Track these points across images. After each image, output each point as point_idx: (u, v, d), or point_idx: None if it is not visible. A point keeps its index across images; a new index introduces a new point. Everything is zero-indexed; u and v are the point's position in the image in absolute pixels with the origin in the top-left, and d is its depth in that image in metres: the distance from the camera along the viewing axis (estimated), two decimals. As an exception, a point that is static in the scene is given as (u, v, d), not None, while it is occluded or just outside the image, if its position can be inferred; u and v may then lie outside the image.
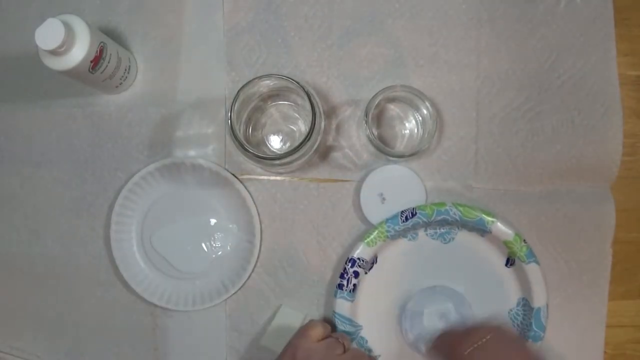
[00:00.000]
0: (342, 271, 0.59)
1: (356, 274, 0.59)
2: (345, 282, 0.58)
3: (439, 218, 0.58)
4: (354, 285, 0.59)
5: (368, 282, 0.60)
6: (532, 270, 0.58)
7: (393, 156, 0.58)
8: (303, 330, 0.54)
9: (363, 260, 0.59)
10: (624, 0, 0.62)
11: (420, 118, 0.60)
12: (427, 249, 0.61)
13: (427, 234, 0.61)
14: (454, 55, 0.61)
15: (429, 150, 0.61)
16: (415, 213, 0.58)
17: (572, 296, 0.61)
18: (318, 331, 0.54)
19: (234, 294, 0.61)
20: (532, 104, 0.61)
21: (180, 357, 0.62)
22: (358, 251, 0.58)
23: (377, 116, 0.61)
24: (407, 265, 0.61)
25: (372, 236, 0.58)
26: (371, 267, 0.60)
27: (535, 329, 0.59)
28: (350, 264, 0.58)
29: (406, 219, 0.58)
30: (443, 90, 0.61)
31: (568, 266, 0.61)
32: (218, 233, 0.62)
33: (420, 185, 0.60)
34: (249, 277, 0.61)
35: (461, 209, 0.58)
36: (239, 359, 0.62)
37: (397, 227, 0.58)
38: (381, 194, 0.60)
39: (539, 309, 0.59)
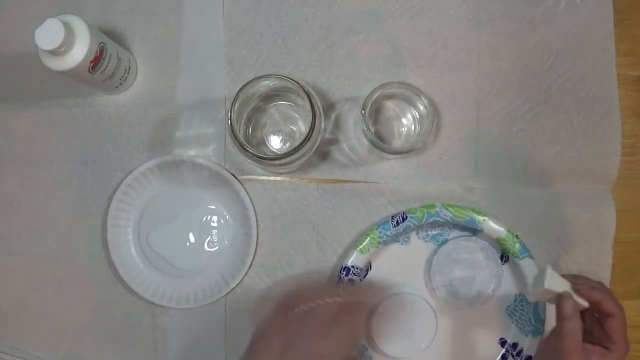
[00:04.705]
0: (337, 280, 0.58)
1: (351, 282, 0.59)
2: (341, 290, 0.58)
3: (429, 220, 0.58)
4: None
5: (364, 289, 0.60)
6: (527, 265, 0.58)
7: (390, 153, 0.58)
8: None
9: (357, 268, 0.58)
10: (623, 0, 0.62)
11: (417, 115, 0.60)
12: (420, 252, 0.61)
13: (419, 237, 0.61)
14: (454, 55, 0.61)
15: (429, 150, 0.61)
16: (406, 217, 0.58)
17: (572, 296, 0.61)
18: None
19: (234, 287, 0.61)
20: (532, 104, 0.61)
21: (180, 357, 0.62)
22: (351, 259, 0.58)
23: (374, 114, 0.61)
24: (402, 269, 0.61)
25: (364, 243, 0.58)
26: (366, 274, 0.60)
27: (535, 323, 0.59)
28: (344, 273, 0.58)
29: (397, 223, 0.58)
30: (443, 90, 0.61)
31: (568, 267, 0.61)
32: (215, 229, 0.62)
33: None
34: (249, 268, 0.61)
35: (451, 209, 0.58)
36: (239, 359, 0.62)
37: (388, 232, 0.58)
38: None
39: (536, 304, 0.59)
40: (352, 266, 0.58)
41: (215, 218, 0.62)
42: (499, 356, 0.60)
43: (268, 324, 0.51)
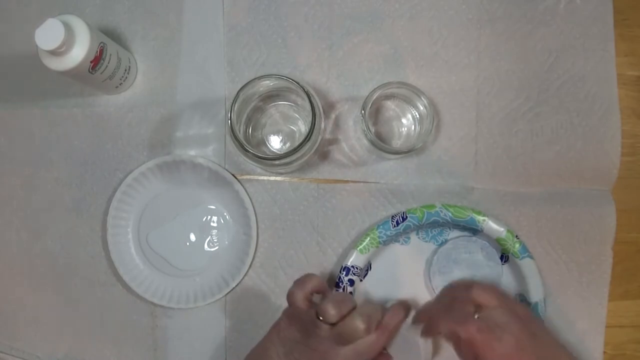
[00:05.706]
0: (337, 280, 0.58)
1: (351, 282, 0.58)
2: (341, 291, 0.58)
3: (429, 220, 0.58)
4: (350, 293, 0.59)
5: (364, 289, 0.60)
6: (527, 265, 0.58)
7: (390, 153, 0.58)
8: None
9: (357, 268, 0.58)
10: (623, 0, 0.62)
11: (417, 115, 0.60)
12: (420, 252, 0.61)
13: (419, 237, 0.61)
14: (454, 55, 0.61)
15: (428, 149, 0.61)
16: (406, 217, 0.58)
17: (572, 297, 0.61)
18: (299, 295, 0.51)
19: (234, 287, 0.61)
20: (532, 104, 0.61)
21: (180, 358, 0.62)
22: (351, 259, 0.58)
23: (374, 114, 0.61)
24: (402, 269, 0.61)
25: (364, 243, 0.58)
26: (366, 274, 0.60)
27: None
28: (344, 273, 0.58)
29: (397, 223, 0.58)
30: (443, 90, 0.61)
31: (568, 267, 0.61)
32: (215, 229, 0.62)
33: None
34: (249, 269, 0.61)
35: (451, 209, 0.58)
36: (239, 359, 0.62)
37: (388, 232, 0.58)
38: None
39: (536, 304, 0.58)
40: (352, 266, 0.58)
41: (215, 218, 0.62)
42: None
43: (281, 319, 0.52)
